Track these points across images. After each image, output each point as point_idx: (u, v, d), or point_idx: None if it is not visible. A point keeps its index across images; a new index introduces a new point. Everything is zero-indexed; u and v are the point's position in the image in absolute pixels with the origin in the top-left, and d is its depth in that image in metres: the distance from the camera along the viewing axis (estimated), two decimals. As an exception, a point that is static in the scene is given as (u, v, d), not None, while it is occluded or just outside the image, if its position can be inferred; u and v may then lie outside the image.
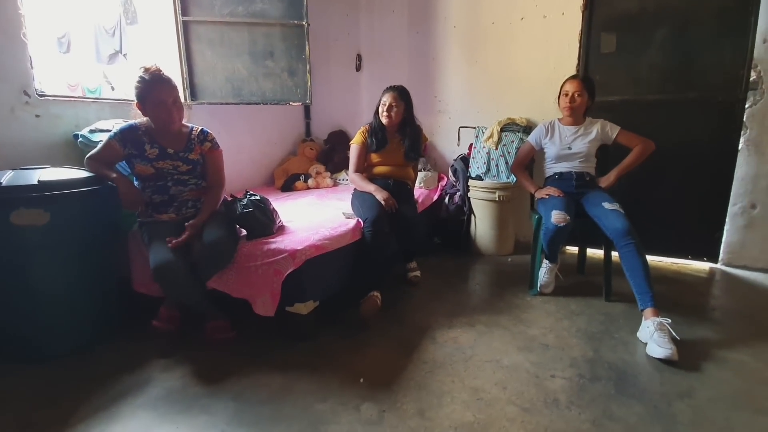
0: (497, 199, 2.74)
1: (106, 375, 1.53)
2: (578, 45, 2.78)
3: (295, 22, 2.74)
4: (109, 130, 1.76)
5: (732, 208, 2.56)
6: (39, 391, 1.45)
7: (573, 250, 2.62)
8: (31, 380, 1.51)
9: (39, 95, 1.90)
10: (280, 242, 1.69)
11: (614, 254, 1.98)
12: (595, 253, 2.63)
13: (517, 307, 2.10)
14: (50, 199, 1.49)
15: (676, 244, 2.74)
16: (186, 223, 1.66)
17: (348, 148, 2.47)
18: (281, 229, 1.85)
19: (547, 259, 2.23)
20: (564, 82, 2.28)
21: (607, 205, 2.01)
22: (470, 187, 2.86)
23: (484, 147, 2.88)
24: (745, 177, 2.50)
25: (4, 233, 1.46)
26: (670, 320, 1.72)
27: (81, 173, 1.65)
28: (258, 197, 1.82)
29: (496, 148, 2.82)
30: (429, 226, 2.95)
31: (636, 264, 1.84)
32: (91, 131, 1.93)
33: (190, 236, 1.61)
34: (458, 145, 3.22)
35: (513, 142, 2.80)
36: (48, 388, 1.47)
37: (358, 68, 3.54)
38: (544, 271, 2.23)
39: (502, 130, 2.86)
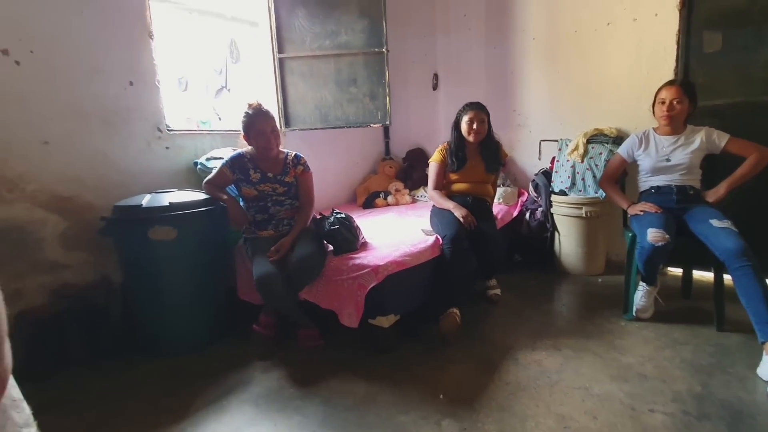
0: (584, 215, 2.59)
1: (217, 372, 1.76)
2: (676, 46, 2.56)
3: (376, 50, 2.91)
4: (221, 158, 2.04)
5: None
6: (165, 383, 1.71)
7: (676, 271, 2.37)
8: (159, 372, 1.78)
9: (169, 131, 2.27)
10: (364, 258, 1.81)
11: (727, 277, 1.77)
12: (703, 275, 2.35)
13: (609, 332, 1.96)
14: (178, 218, 1.78)
15: None
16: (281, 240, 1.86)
17: (426, 165, 2.54)
18: (364, 245, 1.97)
19: (643, 281, 2.05)
20: (660, 89, 2.11)
21: (715, 222, 1.81)
22: (553, 203, 2.74)
23: (568, 160, 2.75)
24: None
25: (144, 246, 1.77)
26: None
27: (200, 195, 1.94)
28: (343, 215, 1.97)
29: (582, 161, 2.68)
30: (509, 243, 2.88)
31: (754, 289, 1.63)
32: (207, 159, 2.26)
33: (284, 252, 1.80)
34: (539, 159, 3.12)
35: (601, 154, 2.64)
36: (172, 381, 1.72)
37: (435, 87, 3.62)
38: (641, 294, 2.06)
39: (589, 141, 2.71)
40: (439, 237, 2.08)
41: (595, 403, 1.47)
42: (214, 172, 1.97)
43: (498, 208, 2.75)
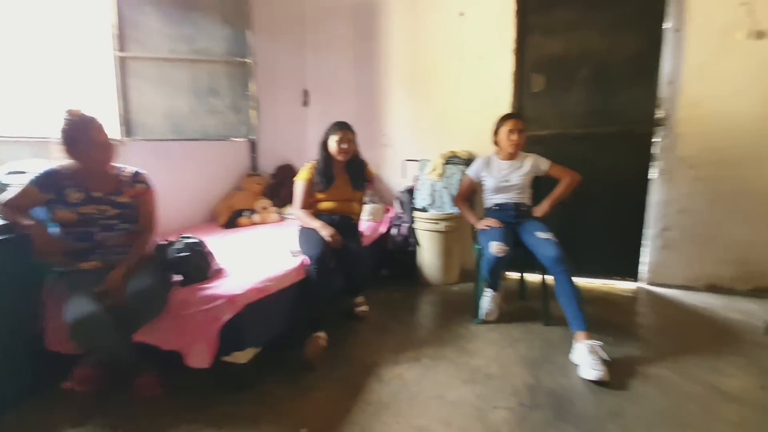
0: (442, 229, 2.83)
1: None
2: (512, 84, 3.00)
3: (239, 59, 2.75)
4: (24, 172, 1.64)
5: (650, 231, 2.81)
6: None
7: (515, 276, 2.74)
8: None
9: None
10: (218, 287, 1.64)
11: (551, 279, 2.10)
12: (535, 278, 2.76)
13: (462, 337, 2.14)
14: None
15: (606, 266, 2.94)
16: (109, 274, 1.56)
17: (296, 182, 2.45)
18: (219, 273, 1.79)
19: (489, 287, 2.31)
20: (504, 121, 2.40)
21: (540, 234, 2.14)
22: (416, 219, 2.93)
23: (428, 179, 2.98)
24: (659, 203, 2.77)
25: None
26: (601, 343, 1.83)
27: (-10, 221, 1.51)
28: (194, 240, 1.76)
29: (440, 180, 2.93)
30: (377, 258, 2.97)
31: (568, 290, 1.96)
32: (8, 173, 1.79)
33: (115, 287, 1.51)
34: (404, 177, 3.31)
35: (455, 174, 2.92)
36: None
37: (305, 104, 3.59)
38: (488, 300, 2.31)
39: (446, 163, 2.99)
40: (306, 257, 2.02)
41: (449, 409, 1.57)
42: (14, 190, 1.57)
43: (366, 224, 2.82)
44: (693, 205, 2.69)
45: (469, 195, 2.59)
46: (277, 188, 3.22)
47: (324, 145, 2.30)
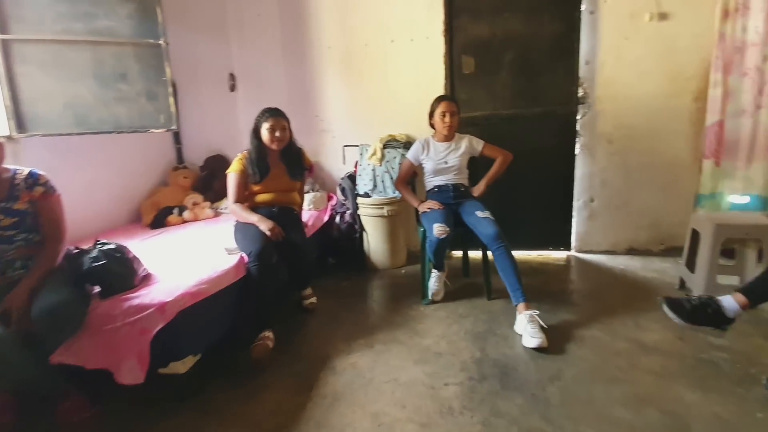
0: (386, 214, 2.82)
1: None
2: (444, 66, 3.03)
3: (151, 41, 2.48)
4: None
5: (576, 203, 3.03)
6: None
7: (459, 254, 2.82)
8: None
9: None
10: (146, 295, 1.49)
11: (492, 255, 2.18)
12: (478, 255, 2.87)
13: (412, 319, 2.17)
14: None
15: (540, 239, 3.13)
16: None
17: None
18: (146, 279, 1.63)
19: (435, 268, 2.36)
20: (437, 103, 2.42)
21: (479, 213, 2.21)
22: (359, 205, 2.90)
23: (369, 164, 2.95)
24: (584, 176, 2.98)
25: None
26: (538, 311, 1.94)
27: None
28: (112, 245, 1.57)
29: (380, 165, 2.91)
30: (322, 247, 2.90)
31: (507, 265, 2.05)
32: None
33: (20, 308, 1.31)
34: (344, 163, 3.25)
35: (395, 158, 2.92)
36: None
37: (233, 89, 3.35)
38: (434, 280, 2.36)
39: (385, 147, 2.96)
40: (244, 255, 1.91)
41: (403, 391, 1.58)
42: None
43: (309, 214, 2.73)
44: (611, 177, 2.93)
45: (410, 178, 2.60)
46: (209, 181, 3.00)
47: (255, 133, 2.16)
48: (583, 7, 2.79)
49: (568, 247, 3.12)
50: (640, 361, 1.73)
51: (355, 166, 3.08)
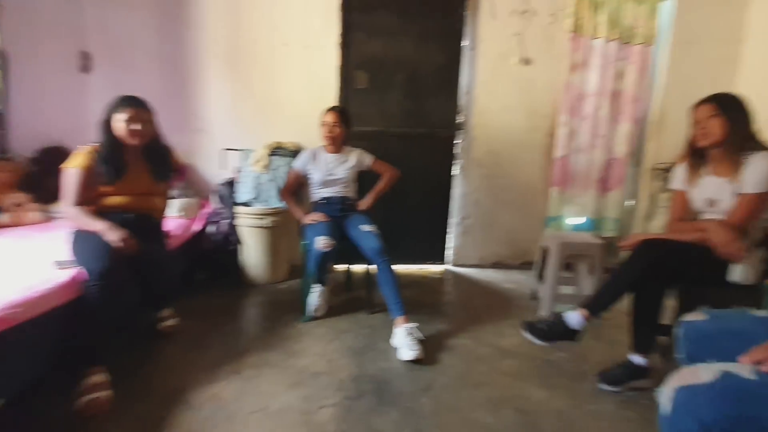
0: (268, 225, 2.65)
1: None
2: (337, 78, 3.01)
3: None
4: None
5: (453, 220, 3.28)
6: None
7: (342, 268, 2.79)
8: None
9: None
10: None
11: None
12: (361, 269, 2.87)
13: (289, 338, 2.04)
14: None
15: (420, 253, 3.30)
16: None
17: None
18: None
19: (317, 282, 2.27)
20: (325, 113, 2.40)
21: (364, 227, 2.21)
22: (238, 214, 2.67)
23: (252, 171, 2.74)
24: (460, 196, 3.25)
25: None
26: (416, 324, 2.00)
27: None
28: None
29: (265, 173, 2.74)
30: (190, 261, 2.58)
31: (388, 279, 2.08)
32: None
33: None
34: (223, 168, 2.97)
35: (281, 166, 2.77)
36: None
37: (86, 69, 2.83)
38: (316, 295, 2.27)
39: (271, 154, 2.80)
40: (83, 271, 1.55)
41: (273, 422, 1.45)
42: None
43: (177, 222, 2.41)
44: (482, 197, 3.24)
45: (296, 188, 2.50)
46: (40, 178, 2.43)
47: (106, 125, 1.81)
48: (464, 43, 3.07)
49: (444, 261, 3.33)
50: (498, 364, 1.90)
51: (236, 173, 2.84)
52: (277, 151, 2.83)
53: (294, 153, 2.84)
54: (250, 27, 2.92)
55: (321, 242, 2.06)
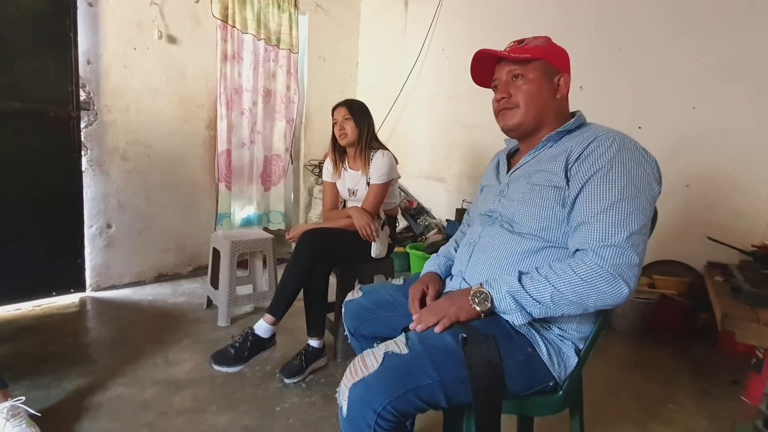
0: None
1: None
2: None
3: None
4: None
5: (89, 231, 2.45)
6: None
7: None
8: None
9: None
10: None
11: None
12: None
13: None
14: None
15: (37, 283, 2.27)
16: None
17: None
18: None
19: None
20: None
21: None
22: None
23: None
24: (96, 197, 2.46)
25: None
26: (23, 398, 1.30)
27: None
28: None
29: None
30: None
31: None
32: None
33: None
34: None
35: None
36: None
37: None
38: None
39: None
40: None
41: None
42: None
43: None
44: (131, 198, 2.59)
45: None
46: None
47: None
48: (75, -8, 2.28)
49: (81, 288, 2.45)
50: (171, 403, 1.52)
51: None
52: None
53: None
54: None
55: None
